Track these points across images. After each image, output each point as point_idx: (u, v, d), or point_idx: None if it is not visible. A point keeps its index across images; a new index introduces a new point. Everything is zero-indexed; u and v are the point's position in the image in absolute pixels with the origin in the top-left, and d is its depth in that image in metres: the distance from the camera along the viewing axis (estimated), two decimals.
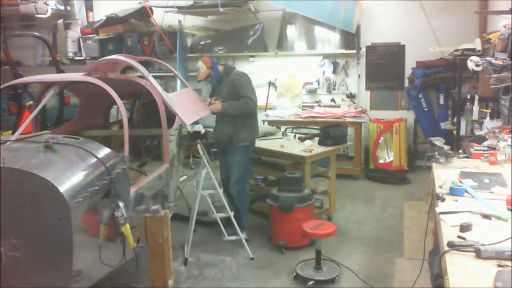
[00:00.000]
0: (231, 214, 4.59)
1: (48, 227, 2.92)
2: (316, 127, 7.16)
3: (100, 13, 9.03)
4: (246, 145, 4.79)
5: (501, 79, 4.31)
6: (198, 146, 4.54)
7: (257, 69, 8.33)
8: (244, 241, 4.64)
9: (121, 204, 3.19)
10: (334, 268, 4.28)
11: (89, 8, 9.30)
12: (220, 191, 4.62)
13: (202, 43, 8.37)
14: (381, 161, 7.42)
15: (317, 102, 8.08)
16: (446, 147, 3.92)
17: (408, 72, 7.69)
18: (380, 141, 7.42)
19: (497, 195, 2.92)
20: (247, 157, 4.86)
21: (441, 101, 7.41)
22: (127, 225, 3.22)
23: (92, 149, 3.35)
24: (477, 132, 4.89)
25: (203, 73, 4.85)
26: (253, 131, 4.89)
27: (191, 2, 8.09)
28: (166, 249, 3.60)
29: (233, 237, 4.66)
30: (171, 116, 4.96)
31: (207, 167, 4.52)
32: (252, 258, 4.57)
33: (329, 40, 7.92)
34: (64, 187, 2.89)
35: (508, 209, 2.67)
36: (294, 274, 4.17)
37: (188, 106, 4.65)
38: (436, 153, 3.84)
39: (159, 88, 4.30)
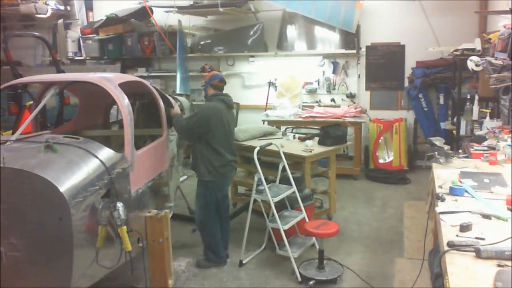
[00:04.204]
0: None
1: (48, 227, 2.92)
2: (316, 127, 7.16)
3: (100, 13, 9.04)
4: (205, 180, 4.34)
5: (501, 79, 4.31)
6: None
7: (257, 69, 8.35)
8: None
9: (119, 205, 3.18)
10: (337, 268, 4.28)
11: (89, 8, 9.31)
12: None
13: (202, 43, 8.37)
14: (381, 161, 7.42)
15: (317, 102, 8.08)
16: (446, 147, 3.92)
17: (408, 72, 7.69)
18: (380, 141, 7.42)
19: (497, 195, 2.92)
20: (204, 192, 4.37)
21: (441, 101, 7.41)
22: (124, 227, 3.20)
23: (92, 149, 3.35)
24: (477, 132, 4.88)
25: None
26: (208, 167, 4.29)
27: (191, 2, 8.10)
28: (166, 249, 3.60)
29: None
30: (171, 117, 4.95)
31: None
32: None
33: (329, 40, 7.93)
34: (64, 187, 2.89)
35: (508, 209, 2.68)
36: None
37: (148, 164, 4.04)
38: (436, 153, 3.85)
39: None
